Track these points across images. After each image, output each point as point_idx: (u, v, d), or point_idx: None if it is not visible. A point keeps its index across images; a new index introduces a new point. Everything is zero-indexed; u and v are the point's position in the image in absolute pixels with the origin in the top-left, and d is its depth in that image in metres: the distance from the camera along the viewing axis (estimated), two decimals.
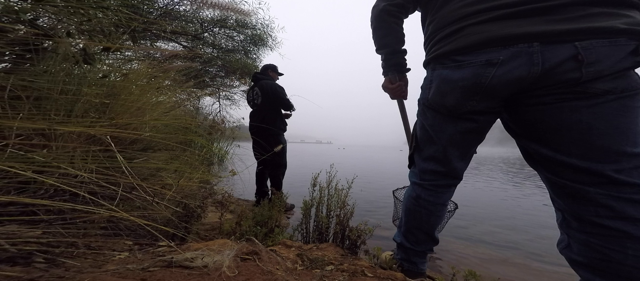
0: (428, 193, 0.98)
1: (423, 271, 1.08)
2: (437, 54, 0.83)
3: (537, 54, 0.67)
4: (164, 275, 0.67)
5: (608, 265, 0.61)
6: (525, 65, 0.68)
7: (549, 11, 0.68)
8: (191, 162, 1.51)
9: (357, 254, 1.30)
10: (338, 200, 1.43)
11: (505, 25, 0.70)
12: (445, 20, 0.82)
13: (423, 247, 1.06)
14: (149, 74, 1.40)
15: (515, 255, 1.78)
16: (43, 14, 0.96)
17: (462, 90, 0.79)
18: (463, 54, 0.76)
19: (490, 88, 0.75)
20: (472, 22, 0.75)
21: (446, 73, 0.81)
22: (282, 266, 0.90)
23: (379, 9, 0.96)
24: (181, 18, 3.95)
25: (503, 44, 0.70)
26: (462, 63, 0.77)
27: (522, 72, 0.69)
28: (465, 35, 0.76)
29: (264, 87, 2.45)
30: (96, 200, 0.75)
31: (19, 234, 0.63)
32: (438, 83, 0.85)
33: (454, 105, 0.83)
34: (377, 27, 0.99)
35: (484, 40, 0.72)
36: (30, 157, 0.70)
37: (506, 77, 0.71)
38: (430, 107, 0.90)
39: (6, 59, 0.90)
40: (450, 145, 0.90)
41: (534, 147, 0.77)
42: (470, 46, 0.75)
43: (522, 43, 0.68)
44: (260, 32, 4.80)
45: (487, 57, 0.72)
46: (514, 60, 0.69)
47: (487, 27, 0.72)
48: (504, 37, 0.69)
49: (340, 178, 1.53)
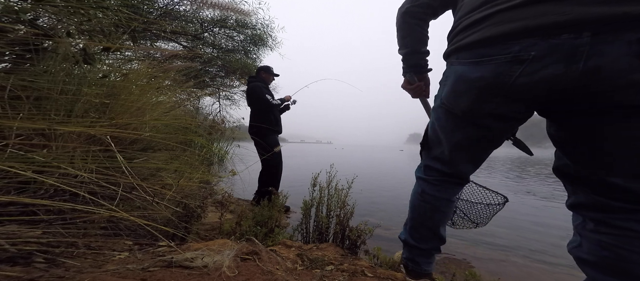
0: (432, 188, 0.96)
1: (428, 272, 1.02)
2: (458, 45, 0.72)
3: (584, 47, 0.53)
4: (164, 275, 0.67)
5: (618, 264, 0.59)
6: (562, 63, 0.55)
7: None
8: (191, 162, 1.51)
9: (357, 254, 1.30)
10: (338, 200, 1.43)
11: (549, 9, 0.55)
12: (472, 4, 0.70)
13: (428, 245, 1.00)
14: (149, 74, 1.40)
15: (515, 255, 1.78)
16: (43, 14, 0.96)
17: (479, 91, 0.69)
18: (488, 45, 0.64)
19: (513, 90, 0.63)
20: (504, 7, 0.61)
21: (463, 70, 0.72)
22: (282, 266, 0.90)
23: (402, 11, 0.96)
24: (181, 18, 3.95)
25: (541, 35, 0.56)
26: (484, 59, 0.65)
27: (554, 74, 0.57)
28: (494, 23, 0.62)
29: (247, 89, 2.66)
30: (96, 200, 0.75)
31: (19, 234, 0.63)
32: (453, 81, 0.76)
33: (469, 108, 0.74)
34: (399, 27, 0.98)
35: (517, 29, 0.58)
36: (30, 157, 0.71)
37: (534, 78, 0.59)
38: (443, 106, 0.84)
39: (6, 59, 0.90)
40: (458, 150, 0.86)
41: (574, 166, 0.65)
42: (497, 37, 0.62)
43: (568, 33, 0.54)
44: (260, 32, 4.80)
45: (516, 51, 0.59)
46: (551, 56, 0.56)
47: (524, 13, 0.58)
48: (545, 25, 0.55)
49: (340, 178, 1.53)
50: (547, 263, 1.65)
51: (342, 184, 1.50)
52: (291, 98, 2.81)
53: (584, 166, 0.63)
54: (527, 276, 1.50)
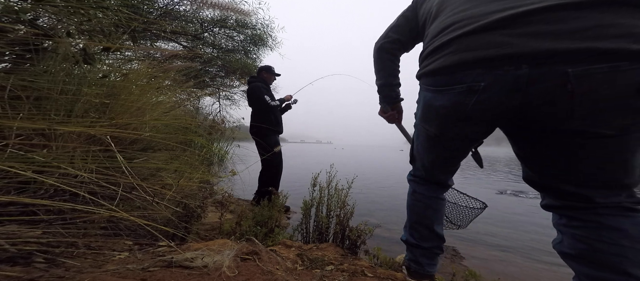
0: (422, 188, 1.04)
1: (431, 273, 1.03)
2: (423, 71, 0.80)
3: (523, 78, 0.60)
4: (164, 275, 0.67)
5: (592, 254, 0.64)
6: (506, 92, 0.63)
7: (547, 20, 0.58)
8: (191, 162, 1.51)
9: (357, 254, 1.30)
10: (338, 200, 1.43)
11: (494, 40, 0.62)
12: (435, 29, 0.77)
13: (429, 244, 1.02)
14: (149, 74, 1.40)
15: (515, 255, 1.78)
16: (43, 14, 0.96)
17: (443, 118, 0.78)
18: (446, 74, 0.71)
19: (472, 115, 0.71)
20: (458, 34, 0.68)
21: (429, 97, 0.80)
22: (282, 266, 0.90)
23: (377, 46, 1.06)
24: (181, 18, 3.95)
25: (488, 66, 0.63)
26: (444, 88, 0.73)
27: (501, 101, 0.65)
28: (450, 52, 0.70)
29: (248, 89, 2.66)
30: (96, 200, 0.75)
31: (19, 234, 0.63)
32: (423, 107, 0.86)
33: (439, 132, 0.83)
34: (374, 61, 1.08)
35: (469, 60, 0.65)
36: (30, 157, 0.71)
37: (486, 106, 0.67)
38: (418, 127, 0.93)
39: (6, 59, 0.90)
40: (434, 166, 0.97)
41: (531, 169, 0.74)
42: (452, 66, 0.69)
43: (509, 65, 0.60)
44: (260, 32, 4.79)
45: (468, 82, 0.66)
46: (497, 86, 0.63)
47: (475, 42, 0.65)
48: (490, 57, 0.62)
49: (340, 178, 1.53)
50: (547, 263, 1.65)
51: (342, 184, 1.50)
52: (292, 97, 2.81)
53: (541, 177, 0.72)
54: (527, 276, 1.50)
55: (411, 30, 0.99)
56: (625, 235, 0.60)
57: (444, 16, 0.76)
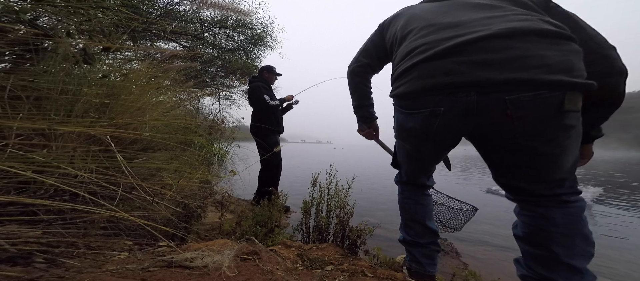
0: (408, 188, 1.12)
1: (431, 273, 1.05)
2: (394, 93, 0.87)
3: (473, 104, 0.70)
4: (164, 275, 0.67)
5: (533, 237, 0.80)
6: (462, 116, 0.73)
7: (487, 49, 0.68)
8: (191, 162, 1.51)
9: (357, 254, 1.30)
10: (338, 200, 1.43)
11: (449, 67, 0.71)
12: (402, 52, 0.84)
13: (425, 240, 1.05)
14: (149, 74, 1.40)
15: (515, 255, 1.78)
16: (43, 14, 0.96)
17: (414, 138, 0.88)
18: (412, 98, 0.80)
19: (438, 134, 0.82)
20: (420, 59, 0.76)
21: (401, 119, 0.89)
22: (282, 266, 0.90)
23: (349, 70, 1.14)
24: (181, 18, 3.94)
25: (446, 93, 0.72)
26: (412, 111, 0.82)
27: (459, 122, 0.76)
28: (415, 77, 0.78)
29: (249, 89, 2.65)
30: (96, 200, 0.75)
31: (19, 234, 0.63)
32: (397, 127, 0.95)
33: (412, 148, 0.94)
34: (348, 84, 1.17)
35: (431, 86, 0.74)
36: (30, 157, 0.71)
37: (448, 127, 0.78)
38: (397, 141, 1.02)
39: (6, 59, 0.90)
40: (414, 171, 1.07)
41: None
42: (417, 91, 0.77)
43: (461, 93, 0.70)
44: (260, 32, 4.79)
45: (431, 107, 0.76)
46: (454, 110, 0.73)
47: (434, 68, 0.73)
48: (447, 84, 0.71)
49: (340, 178, 1.53)
50: None
51: (342, 184, 1.50)
52: (293, 98, 2.80)
53: (498, 176, 0.86)
54: None
55: (378, 54, 1.07)
56: (554, 223, 0.75)
57: (408, 40, 0.84)
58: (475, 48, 0.69)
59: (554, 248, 0.74)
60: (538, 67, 0.63)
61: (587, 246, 0.74)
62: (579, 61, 0.66)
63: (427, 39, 0.78)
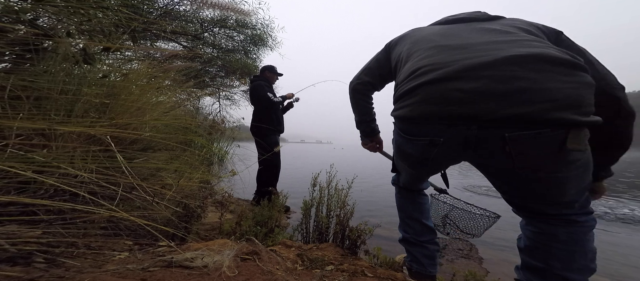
0: (404, 190, 1.14)
1: (432, 274, 1.05)
2: (395, 114, 0.86)
3: (472, 137, 0.69)
4: (164, 275, 0.67)
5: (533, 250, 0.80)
6: (461, 147, 0.73)
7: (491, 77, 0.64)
8: (191, 162, 1.51)
9: (357, 254, 1.30)
10: (338, 200, 1.43)
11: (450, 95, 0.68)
12: (406, 72, 0.83)
13: (424, 237, 1.06)
14: (149, 74, 1.40)
15: (515, 255, 1.78)
16: (43, 14, 0.96)
17: (412, 162, 0.90)
18: (413, 123, 0.79)
19: (435, 161, 0.83)
20: (423, 81, 0.74)
21: (400, 142, 0.89)
22: (282, 266, 0.90)
23: (350, 87, 1.15)
24: (181, 18, 3.94)
25: (446, 123, 0.71)
26: (412, 138, 0.81)
27: (458, 152, 0.76)
28: (417, 101, 0.75)
29: (250, 88, 2.66)
30: (96, 200, 0.75)
31: (19, 234, 0.63)
32: (396, 147, 0.95)
33: (411, 167, 0.95)
34: (350, 100, 1.18)
35: (429, 114, 0.72)
36: (30, 157, 0.70)
37: (447, 155, 0.79)
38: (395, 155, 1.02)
39: (6, 59, 0.90)
40: (411, 180, 1.07)
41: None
42: (418, 118, 0.76)
43: (461, 125, 0.69)
44: (260, 32, 4.78)
45: (431, 136, 0.75)
46: (453, 141, 0.73)
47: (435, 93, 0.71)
48: (448, 115, 0.69)
49: (340, 178, 1.52)
50: None
51: (342, 184, 1.50)
52: (294, 96, 2.78)
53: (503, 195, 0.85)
54: None
55: (381, 72, 1.07)
56: (556, 239, 0.74)
57: (413, 60, 0.83)
58: (480, 75, 0.66)
59: (551, 262, 0.74)
60: (542, 102, 0.59)
61: (587, 262, 0.73)
62: (589, 95, 0.61)
63: (432, 60, 0.76)
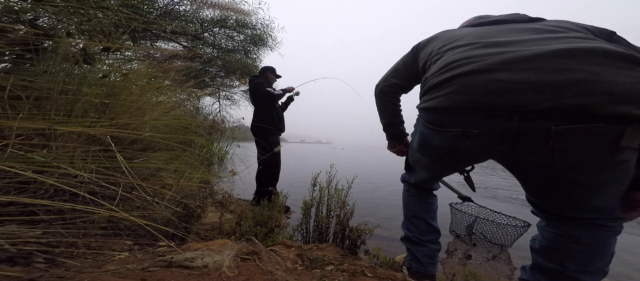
0: (414, 188, 1.12)
1: (432, 273, 1.04)
2: (423, 107, 0.82)
3: (512, 130, 0.64)
4: (164, 275, 0.67)
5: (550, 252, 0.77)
6: (497, 141, 0.68)
7: (540, 69, 0.59)
8: (191, 162, 1.51)
9: (357, 254, 1.30)
10: (338, 200, 1.43)
11: (491, 86, 0.64)
12: (438, 66, 0.80)
13: (428, 237, 1.05)
14: (149, 74, 1.40)
15: (515, 255, 1.78)
16: (43, 14, 0.96)
17: (438, 156, 0.85)
18: (444, 114, 0.74)
19: (464, 155, 0.78)
20: (458, 73, 0.70)
21: (426, 134, 0.84)
22: (282, 266, 0.90)
23: (378, 89, 1.12)
24: (181, 18, 3.95)
25: (483, 114, 0.66)
26: (441, 129, 0.77)
27: (492, 146, 0.71)
28: (451, 92, 0.71)
29: (250, 87, 2.63)
30: (96, 200, 0.75)
31: (19, 234, 0.63)
32: (420, 141, 0.90)
33: (432, 163, 0.92)
34: (377, 103, 1.16)
35: (465, 104, 0.68)
36: (30, 157, 0.70)
37: (478, 150, 0.74)
38: (415, 151, 0.99)
39: (6, 59, 0.90)
40: (426, 180, 1.05)
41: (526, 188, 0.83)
42: (451, 108, 0.71)
43: (501, 116, 0.64)
44: (260, 32, 4.79)
45: (464, 128, 0.70)
46: (489, 133, 0.68)
47: (473, 83, 0.67)
48: (486, 105, 0.65)
49: (340, 178, 1.53)
50: None
51: (342, 184, 1.50)
52: (294, 89, 2.75)
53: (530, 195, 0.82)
54: None
55: (409, 74, 1.04)
56: (578, 241, 0.71)
57: (447, 55, 0.79)
58: (527, 66, 0.61)
59: (567, 264, 0.71)
60: (599, 95, 0.54)
61: (603, 265, 0.70)
62: None
63: (470, 53, 0.71)
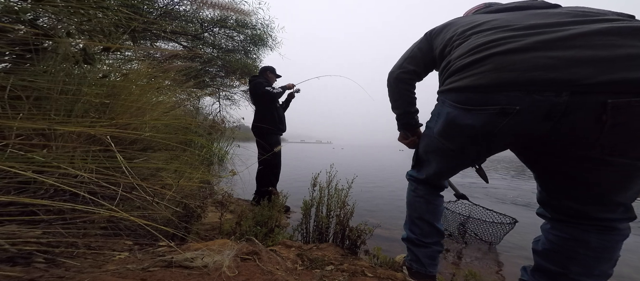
0: (422, 187, 1.07)
1: (432, 274, 1.03)
2: (449, 88, 0.77)
3: (561, 105, 0.59)
4: (164, 275, 0.67)
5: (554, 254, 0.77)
6: (540, 118, 0.63)
7: (591, 45, 0.56)
8: (191, 162, 1.51)
9: (357, 254, 1.30)
10: (338, 200, 1.43)
11: (537, 62, 0.60)
12: (465, 48, 0.75)
13: (430, 239, 1.03)
14: (149, 74, 1.40)
15: (515, 255, 1.78)
16: (43, 14, 0.96)
17: (468, 138, 0.77)
18: (479, 92, 0.69)
19: (497, 136, 0.71)
20: (499, 50, 0.66)
21: (454, 114, 0.77)
22: (282, 266, 0.90)
23: (393, 76, 1.07)
24: (181, 18, 3.95)
25: (527, 90, 0.61)
26: (474, 107, 0.70)
27: (532, 125, 0.65)
28: (487, 70, 0.66)
29: (250, 86, 2.62)
30: (96, 200, 0.75)
31: (19, 234, 0.63)
32: (445, 123, 0.82)
33: (458, 149, 0.83)
34: (390, 91, 1.10)
35: (508, 81, 0.63)
36: (30, 157, 0.70)
37: (515, 129, 0.67)
38: (435, 139, 0.91)
39: (6, 59, 0.90)
40: (441, 174, 1.00)
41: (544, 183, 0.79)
42: (488, 86, 0.66)
43: (550, 91, 0.59)
44: (260, 32, 4.79)
45: (503, 104, 0.64)
46: (532, 110, 0.62)
47: (516, 61, 0.63)
48: (532, 80, 0.60)
49: (340, 178, 1.53)
50: None
51: (342, 184, 1.50)
52: (294, 86, 2.74)
53: (548, 190, 0.79)
54: None
55: (425, 61, 1.01)
56: (586, 245, 0.70)
57: (474, 38, 0.75)
58: (574, 43, 0.58)
59: (571, 267, 0.70)
60: None
61: (608, 268, 0.70)
62: None
63: (503, 35, 0.68)
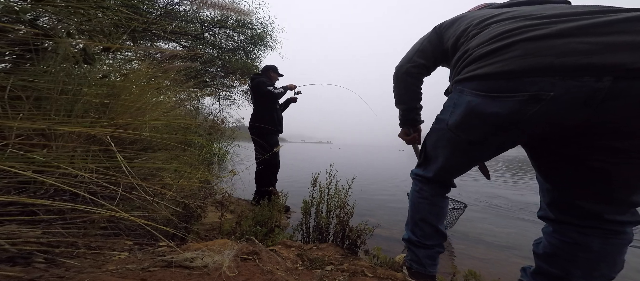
0: (428, 187, 1.02)
1: (432, 274, 1.02)
2: (469, 75, 0.71)
3: (601, 91, 0.54)
4: (164, 275, 0.67)
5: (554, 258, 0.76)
6: (577, 105, 0.58)
7: (632, 30, 0.53)
8: (191, 162, 1.51)
9: (357, 254, 1.30)
10: (338, 200, 1.43)
11: (573, 47, 0.56)
12: (485, 36, 0.71)
13: (432, 242, 1.01)
14: (149, 74, 1.40)
15: (515, 255, 1.78)
16: (43, 14, 0.96)
17: (492, 127, 0.70)
18: (507, 79, 0.63)
19: (523, 125, 0.65)
20: (528, 36, 0.61)
21: (477, 102, 0.70)
22: (282, 266, 0.90)
23: (402, 70, 1.04)
24: (181, 18, 3.95)
25: (562, 75, 0.56)
26: (500, 94, 0.65)
27: (565, 113, 0.60)
28: (516, 56, 0.62)
29: (251, 85, 2.61)
30: (96, 200, 0.75)
31: (19, 234, 0.63)
32: (465, 113, 0.75)
33: (478, 140, 0.77)
34: (397, 84, 1.08)
35: (541, 66, 0.58)
36: (30, 157, 0.70)
37: (545, 117, 0.62)
38: (449, 132, 0.84)
39: (6, 59, 0.90)
40: (453, 170, 0.95)
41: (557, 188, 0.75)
42: (519, 71, 0.61)
43: (589, 76, 0.55)
44: (260, 32, 4.79)
45: (534, 91, 0.59)
46: (568, 97, 0.57)
47: (548, 47, 0.58)
48: (568, 66, 0.56)
49: (340, 178, 1.53)
50: None
51: (342, 184, 1.50)
52: (296, 87, 2.73)
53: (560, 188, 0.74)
54: None
55: (435, 54, 0.99)
56: (588, 249, 0.68)
57: (493, 27, 0.71)
58: (610, 30, 0.54)
59: (572, 270, 0.70)
60: None
61: (610, 272, 0.68)
62: None
63: (530, 22, 0.63)
